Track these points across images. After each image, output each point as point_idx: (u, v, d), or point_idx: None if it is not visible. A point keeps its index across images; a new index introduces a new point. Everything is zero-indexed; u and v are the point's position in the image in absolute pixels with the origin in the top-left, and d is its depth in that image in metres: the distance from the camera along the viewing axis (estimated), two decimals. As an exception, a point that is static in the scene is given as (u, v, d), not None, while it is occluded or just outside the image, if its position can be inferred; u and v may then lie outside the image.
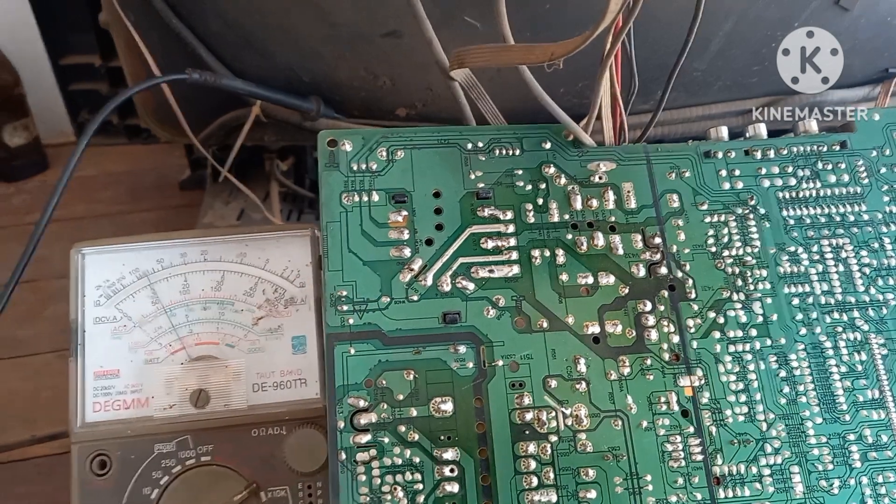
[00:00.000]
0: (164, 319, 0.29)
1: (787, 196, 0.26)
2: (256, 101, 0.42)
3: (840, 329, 0.24)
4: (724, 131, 0.27)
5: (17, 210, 0.61)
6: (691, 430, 0.23)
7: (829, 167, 0.26)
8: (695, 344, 0.24)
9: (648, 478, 0.22)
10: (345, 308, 0.24)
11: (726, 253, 0.25)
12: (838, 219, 0.26)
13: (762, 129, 0.27)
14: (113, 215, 0.62)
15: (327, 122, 0.42)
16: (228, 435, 0.27)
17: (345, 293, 0.24)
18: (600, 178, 0.26)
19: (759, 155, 0.26)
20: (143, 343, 0.28)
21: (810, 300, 0.25)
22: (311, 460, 0.27)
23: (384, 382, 0.23)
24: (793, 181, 0.26)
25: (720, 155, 0.26)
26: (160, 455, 0.27)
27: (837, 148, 0.27)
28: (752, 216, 0.26)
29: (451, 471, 0.22)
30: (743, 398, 0.23)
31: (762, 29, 0.34)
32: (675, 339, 0.24)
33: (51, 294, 0.49)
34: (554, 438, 0.23)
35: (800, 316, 0.24)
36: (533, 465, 0.22)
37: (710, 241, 0.25)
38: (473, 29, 0.33)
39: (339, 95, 0.42)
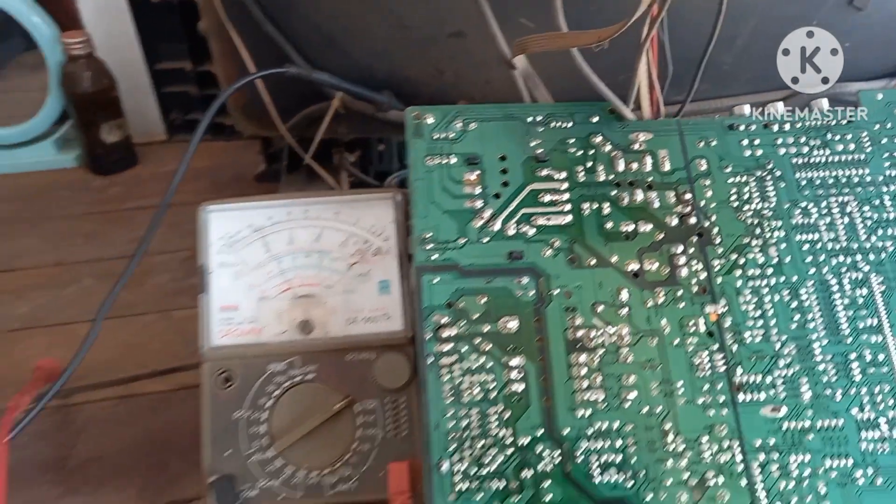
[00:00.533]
0: (274, 265, 0.35)
1: (800, 162, 0.31)
2: (337, 95, 0.48)
3: (844, 269, 0.29)
4: (746, 108, 0.32)
5: (114, 199, 0.68)
6: (715, 347, 0.28)
7: (837, 138, 0.31)
8: (719, 280, 0.29)
9: (679, 384, 0.27)
10: (429, 247, 0.29)
11: (747, 207, 0.30)
12: (844, 180, 0.30)
13: (780, 107, 0.32)
14: (196, 203, 0.69)
15: (397, 113, 0.48)
16: (328, 358, 0.33)
17: (429, 235, 0.29)
18: (640, 146, 0.31)
19: (776, 128, 0.31)
20: (257, 283, 0.34)
21: (819, 246, 0.29)
22: (396, 379, 0.33)
23: (461, 305, 0.28)
24: (805, 149, 0.31)
25: (742, 128, 0.31)
26: (273, 373, 0.33)
27: (845, 122, 0.31)
28: (769, 178, 0.30)
29: (517, 374, 0.28)
30: (759, 323, 0.28)
31: (783, 26, 0.39)
32: (703, 275, 0.29)
33: (151, 267, 0.56)
34: (601, 351, 0.28)
35: (809, 258, 0.29)
36: (584, 371, 0.28)
37: (733, 197, 0.30)
38: (527, 29, 0.38)
39: (409, 90, 0.48)
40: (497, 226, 0.30)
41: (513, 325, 0.28)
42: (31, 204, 0.67)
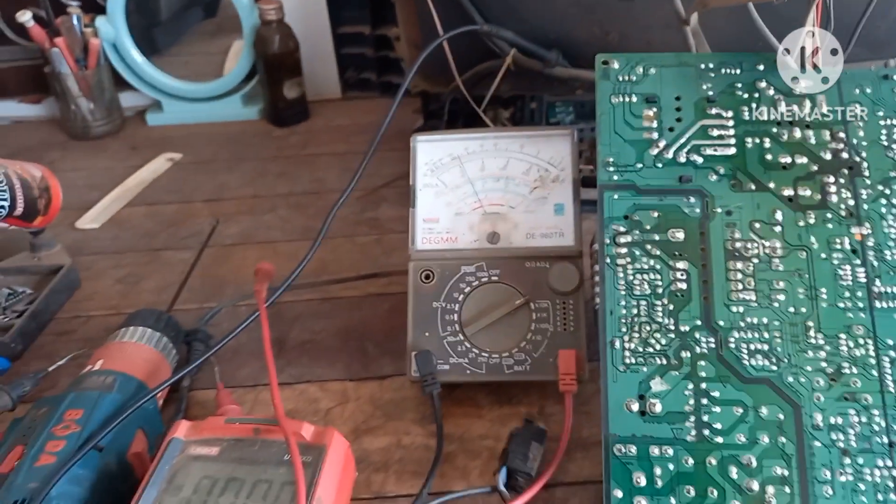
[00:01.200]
0: (468, 187, 0.42)
1: (949, 108, 0.34)
2: (509, 52, 0.54)
3: None
4: (893, 62, 0.36)
5: (295, 146, 0.78)
6: (858, 262, 0.32)
7: None
8: (865, 206, 0.33)
9: (824, 290, 0.32)
10: (611, 169, 0.35)
11: (895, 146, 0.34)
12: None
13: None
14: (363, 153, 0.78)
15: (562, 70, 0.54)
16: (511, 264, 0.40)
17: (611, 160, 0.35)
18: (800, 91, 0.36)
19: (929, 79, 0.35)
20: (454, 202, 0.42)
21: (963, 181, 0.33)
22: (567, 284, 0.39)
23: (636, 217, 0.34)
24: (954, 97, 0.35)
25: (895, 77, 0.35)
26: (465, 273, 0.40)
27: None
28: (919, 122, 0.34)
29: (681, 275, 0.33)
30: (901, 244, 0.32)
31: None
32: (851, 202, 0.33)
33: (326, 203, 0.65)
34: (756, 261, 0.33)
35: (952, 191, 0.33)
36: (739, 276, 0.33)
37: (883, 137, 0.34)
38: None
39: (575, 49, 0.53)
40: (670, 154, 0.35)
41: (680, 235, 0.34)
42: (227, 148, 0.78)
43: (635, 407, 0.32)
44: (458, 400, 0.40)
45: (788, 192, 0.34)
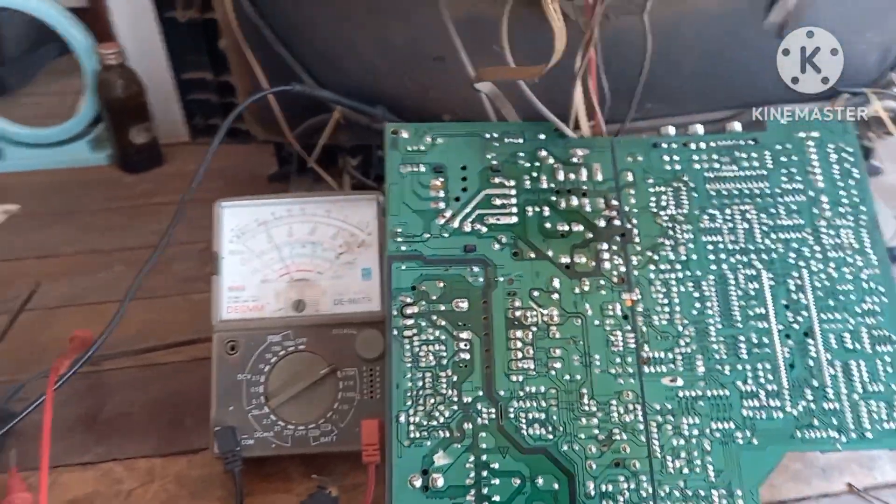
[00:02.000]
0: (275, 253, 0.41)
1: (711, 175, 0.37)
2: (337, 108, 0.54)
3: (740, 267, 0.35)
4: (671, 129, 0.38)
5: (143, 195, 0.75)
6: (628, 328, 0.34)
7: (744, 156, 0.37)
8: (635, 272, 0.35)
9: (597, 356, 0.34)
10: (399, 240, 0.36)
11: (663, 213, 0.36)
12: (747, 192, 0.36)
13: (699, 129, 0.38)
14: (212, 200, 0.76)
15: (390, 125, 0.55)
16: (317, 332, 0.40)
17: (400, 230, 0.36)
18: (578, 159, 0.37)
19: (693, 146, 0.37)
20: (260, 268, 0.41)
21: (720, 246, 0.35)
22: (373, 350, 0.39)
23: (423, 287, 0.35)
24: (716, 165, 0.37)
25: (665, 146, 0.37)
26: (271, 343, 0.40)
27: (752, 143, 0.37)
28: (684, 188, 0.37)
29: (465, 345, 0.34)
30: (666, 309, 0.34)
31: (722, 52, 0.45)
32: (622, 268, 0.35)
33: (174, 256, 0.63)
34: (534, 329, 0.34)
35: (712, 256, 0.35)
36: (519, 344, 0.34)
37: (652, 204, 0.36)
38: (501, 56, 0.44)
39: (399, 105, 0.54)
40: (456, 223, 0.36)
41: (464, 305, 0.34)
42: (69, 198, 0.74)
43: (418, 483, 0.32)
44: (268, 474, 0.40)
45: (566, 259, 0.35)
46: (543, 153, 0.37)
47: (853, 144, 0.37)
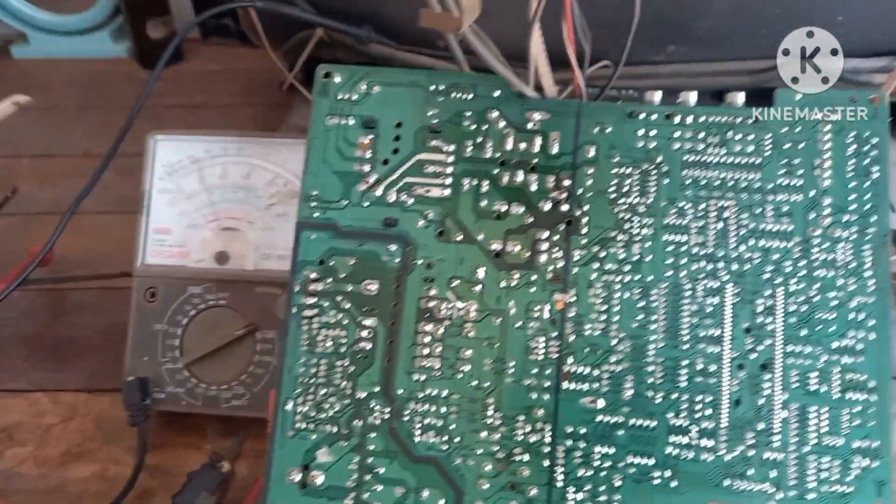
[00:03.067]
0: (205, 196, 0.38)
1: (692, 159, 0.30)
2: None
3: (702, 276, 0.29)
4: (657, 96, 0.31)
5: (154, 94, 0.72)
6: (554, 334, 0.29)
7: (738, 137, 0.30)
8: (575, 270, 0.30)
9: (511, 364, 0.29)
10: (313, 204, 0.31)
11: (623, 200, 0.30)
12: (731, 183, 0.30)
13: (692, 97, 0.31)
14: (223, 107, 0.73)
15: (378, 47, 0.49)
16: (239, 288, 0.37)
17: (315, 192, 0.31)
18: (534, 125, 0.31)
19: (677, 120, 0.31)
20: (188, 212, 0.38)
21: (683, 249, 0.29)
22: (294, 316, 0.36)
23: (332, 263, 0.31)
24: (701, 146, 0.30)
25: (642, 116, 0.31)
26: (191, 295, 0.37)
27: (751, 121, 0.30)
28: (654, 172, 0.30)
29: (368, 333, 0.30)
30: (602, 318, 0.29)
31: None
32: (560, 263, 0.30)
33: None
34: (447, 323, 0.30)
35: (670, 260, 0.29)
36: (427, 339, 0.30)
37: (612, 188, 0.30)
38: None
39: (393, 27, 0.48)
40: (379, 191, 0.31)
41: (373, 287, 0.30)
42: (81, 93, 0.73)
43: (297, 477, 0.29)
44: (184, 427, 0.38)
45: (497, 246, 0.30)
46: (494, 114, 0.32)
47: (882, 134, 0.30)
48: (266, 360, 0.36)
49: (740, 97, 0.31)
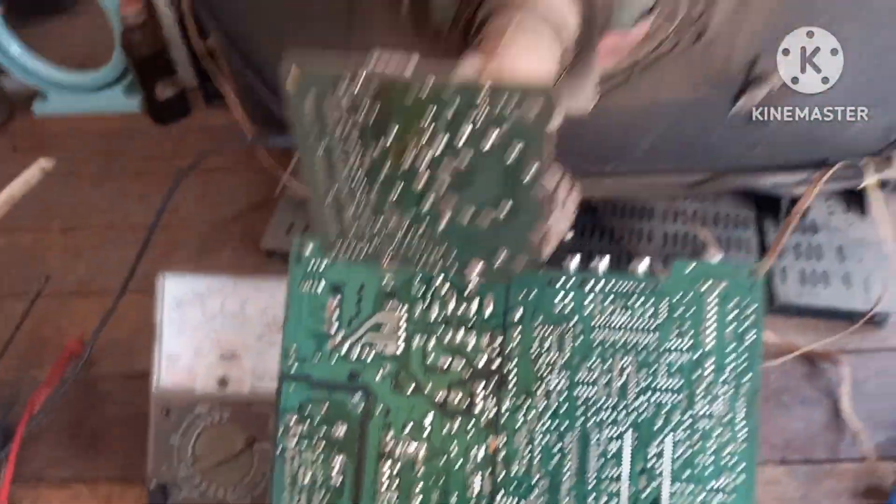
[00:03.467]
0: (208, 326, 0.45)
1: (599, 323, 0.36)
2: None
3: (606, 424, 0.36)
4: (573, 262, 0.37)
5: (162, 156, 0.79)
6: (488, 472, 0.36)
7: (639, 303, 0.36)
8: (504, 418, 0.36)
9: (454, 497, 0.36)
10: (291, 359, 0.38)
11: (542, 358, 0.36)
12: (632, 345, 0.36)
13: (602, 266, 0.37)
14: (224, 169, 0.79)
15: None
16: (239, 407, 0.44)
17: (293, 349, 0.38)
18: (474, 287, 0.38)
19: (588, 287, 0.37)
20: (194, 339, 0.45)
21: (591, 401, 0.36)
22: (284, 432, 0.43)
23: (309, 408, 0.38)
24: (608, 311, 0.36)
25: (559, 283, 0.37)
26: (199, 413, 0.44)
27: (651, 289, 0.36)
28: (569, 332, 0.36)
29: (339, 469, 0.37)
30: (526, 458, 0.36)
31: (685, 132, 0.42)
32: (493, 412, 0.36)
33: (172, 237, 0.67)
34: (402, 462, 0.37)
35: (581, 410, 0.36)
36: (386, 475, 0.37)
37: (535, 347, 0.37)
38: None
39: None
40: (344, 349, 0.38)
41: (342, 431, 0.37)
42: (99, 155, 0.79)
43: (286, 589, 0.37)
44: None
45: (442, 395, 0.37)
46: (440, 279, 0.38)
47: (757, 302, 0.35)
48: (265, 467, 0.44)
49: (643, 265, 0.37)
